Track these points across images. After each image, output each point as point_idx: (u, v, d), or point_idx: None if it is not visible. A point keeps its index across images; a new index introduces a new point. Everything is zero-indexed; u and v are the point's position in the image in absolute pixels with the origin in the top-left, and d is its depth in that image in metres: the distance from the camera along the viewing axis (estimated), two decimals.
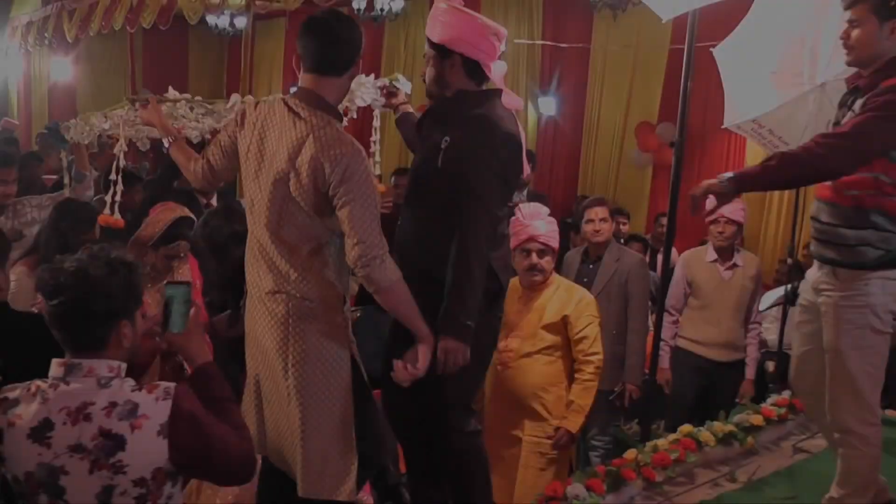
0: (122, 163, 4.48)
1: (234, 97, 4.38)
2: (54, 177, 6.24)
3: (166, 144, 3.66)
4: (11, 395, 2.33)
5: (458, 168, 3.19)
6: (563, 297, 4.48)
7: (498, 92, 3.40)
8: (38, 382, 2.32)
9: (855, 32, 3.26)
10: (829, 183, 3.36)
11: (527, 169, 3.48)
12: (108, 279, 2.32)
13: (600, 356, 4.44)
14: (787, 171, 3.25)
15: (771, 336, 6.59)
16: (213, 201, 5.08)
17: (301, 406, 3.03)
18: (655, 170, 9.89)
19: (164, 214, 4.14)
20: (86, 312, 2.31)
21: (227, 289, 3.59)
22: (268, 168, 3.01)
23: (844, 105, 3.37)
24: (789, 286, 4.45)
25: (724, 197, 3.28)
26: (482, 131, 3.17)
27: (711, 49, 4.91)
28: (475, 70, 3.32)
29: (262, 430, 3.24)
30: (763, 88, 4.64)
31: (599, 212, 5.24)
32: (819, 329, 3.49)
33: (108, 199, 4.52)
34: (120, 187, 4.47)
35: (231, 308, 3.58)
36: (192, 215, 4.22)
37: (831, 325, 3.40)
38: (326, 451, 3.06)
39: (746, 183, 3.32)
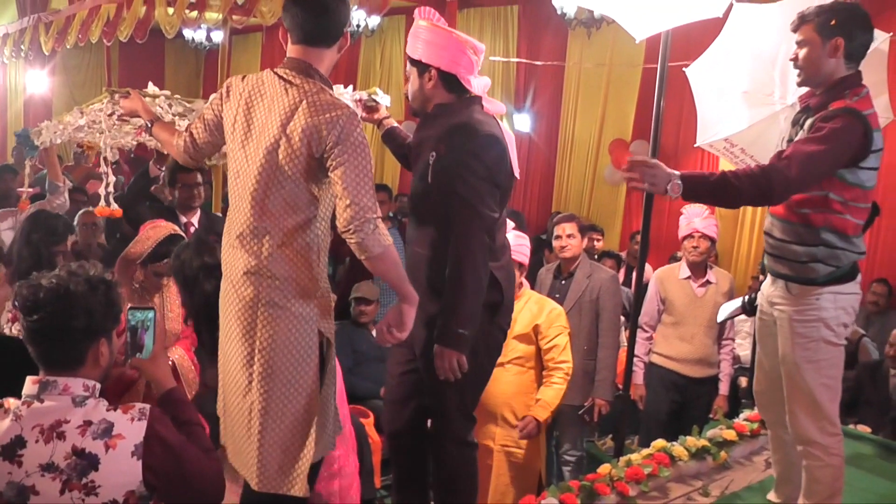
0: (107, 154, 4.46)
1: (213, 95, 4.38)
2: (31, 190, 6.18)
3: (148, 125, 3.62)
4: None
5: (445, 179, 3.27)
6: (534, 310, 4.57)
7: (476, 98, 3.46)
8: (10, 399, 2.30)
9: (802, 52, 3.39)
10: None
11: (515, 167, 3.50)
12: (88, 296, 2.32)
13: (570, 364, 4.52)
14: (726, 195, 3.28)
15: (744, 352, 6.65)
16: (194, 220, 5.03)
17: (263, 395, 2.92)
18: (629, 187, 9.93)
19: (153, 232, 4.11)
20: (65, 329, 2.30)
21: (199, 322, 3.55)
22: (257, 137, 2.94)
23: (797, 123, 3.47)
24: (746, 297, 4.50)
25: (657, 189, 3.27)
26: (462, 138, 3.22)
27: (684, 69, 4.96)
28: (453, 83, 3.41)
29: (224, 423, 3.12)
30: (735, 108, 4.70)
31: (567, 227, 5.29)
32: (776, 342, 3.56)
33: (101, 190, 4.52)
34: (111, 178, 4.46)
35: (205, 343, 3.48)
36: (182, 233, 4.20)
37: (786, 339, 3.48)
38: (287, 443, 2.96)
39: (691, 192, 3.30)
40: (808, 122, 3.37)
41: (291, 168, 2.87)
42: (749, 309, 4.39)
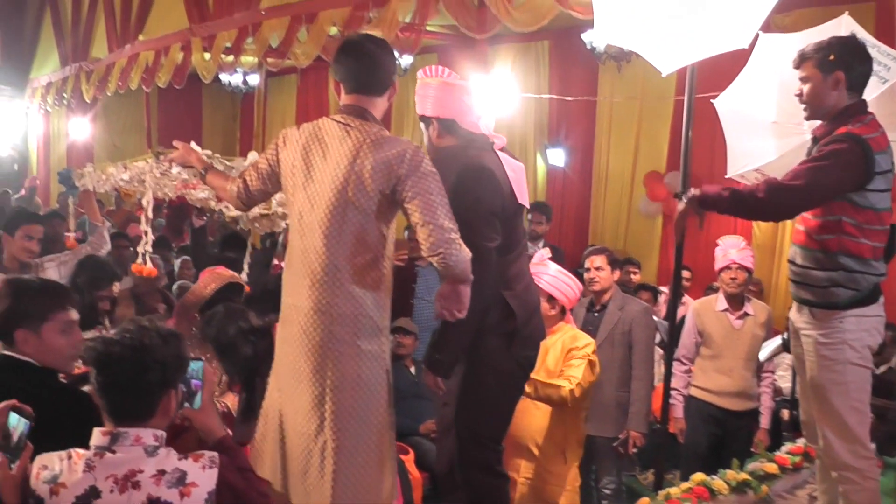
0: (150, 215, 4.53)
1: (252, 154, 4.45)
2: (75, 234, 6.30)
3: (202, 174, 3.73)
4: (50, 464, 2.35)
5: None
6: (567, 343, 4.58)
7: (476, 137, 3.58)
8: (78, 451, 2.36)
9: (806, 88, 3.55)
10: (801, 228, 3.60)
11: (522, 197, 3.60)
12: (161, 349, 2.40)
13: (578, 380, 4.42)
14: (737, 208, 3.58)
15: (785, 384, 6.57)
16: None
17: (336, 434, 3.02)
18: (665, 219, 9.90)
19: (212, 278, 4.13)
20: (140, 382, 2.37)
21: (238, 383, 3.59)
22: (319, 178, 3.06)
23: (809, 154, 3.61)
24: (785, 334, 4.47)
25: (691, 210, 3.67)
26: (448, 172, 3.29)
27: (712, 100, 4.96)
28: (454, 129, 3.56)
29: (284, 468, 3.18)
30: (764, 138, 4.69)
31: (595, 260, 5.33)
32: None
33: (140, 249, 4.57)
34: (151, 237, 4.52)
35: (244, 407, 3.55)
36: (241, 281, 4.21)
37: (813, 363, 3.55)
38: (361, 481, 3.06)
39: (708, 206, 3.61)
40: (814, 150, 3.53)
41: (362, 204, 2.99)
42: (789, 345, 4.37)
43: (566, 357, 4.53)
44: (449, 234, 2.94)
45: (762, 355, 4.92)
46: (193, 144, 4.46)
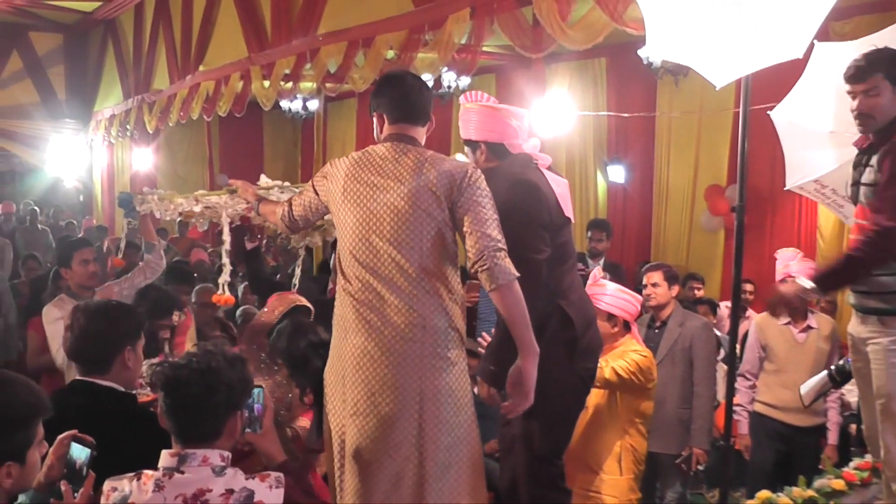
0: (228, 248, 4.63)
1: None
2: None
3: (256, 205, 3.94)
4: (120, 485, 2.42)
5: None
6: (626, 350, 4.53)
7: (519, 156, 3.62)
8: (147, 472, 2.42)
9: (872, 101, 3.47)
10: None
11: (568, 210, 3.61)
12: (228, 372, 2.48)
13: (620, 367, 4.34)
14: (859, 270, 3.47)
15: (854, 398, 6.42)
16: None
17: (433, 446, 3.05)
18: (727, 233, 9.78)
19: (279, 302, 4.18)
20: (208, 404, 2.44)
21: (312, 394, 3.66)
22: (382, 192, 3.09)
23: (860, 165, 3.53)
24: (833, 367, 4.41)
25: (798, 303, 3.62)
26: (495, 191, 3.31)
27: (768, 112, 4.92)
28: (502, 152, 3.61)
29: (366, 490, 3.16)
30: (822, 148, 4.63)
31: (652, 276, 5.33)
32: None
33: (220, 280, 4.68)
34: (228, 268, 4.63)
35: (318, 419, 3.61)
36: (308, 303, 4.27)
37: (881, 370, 3.49)
38: (455, 489, 3.10)
39: (830, 287, 3.63)
40: (875, 157, 3.46)
41: (434, 213, 3.06)
42: (838, 378, 4.33)
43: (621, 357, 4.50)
44: (496, 244, 3.00)
45: (806, 400, 4.63)
46: (263, 177, 4.59)
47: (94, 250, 5.53)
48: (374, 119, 3.34)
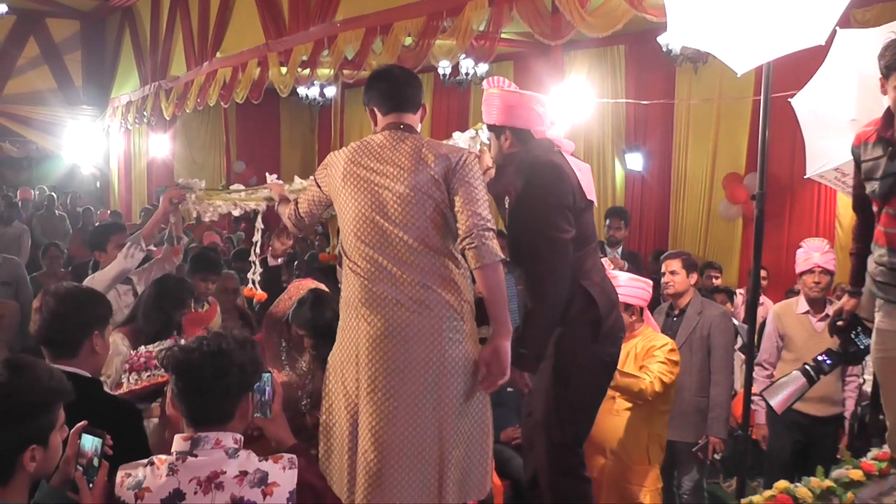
0: (258, 251, 4.64)
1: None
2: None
3: (277, 204, 4.07)
4: (133, 472, 2.44)
5: (520, 217, 3.52)
6: (646, 345, 4.57)
7: (539, 140, 3.65)
8: (161, 457, 2.44)
9: None
10: (883, 230, 3.56)
11: (591, 193, 3.64)
12: (239, 353, 2.48)
13: (656, 374, 4.38)
14: None
15: (869, 388, 6.39)
16: None
17: (446, 415, 3.11)
18: (745, 221, 9.75)
19: (296, 290, 4.18)
20: (220, 386, 2.45)
21: (320, 341, 3.69)
22: (382, 179, 3.17)
23: (879, 156, 3.42)
24: (808, 366, 4.38)
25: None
26: (519, 174, 3.44)
27: (789, 99, 4.88)
28: (527, 138, 3.65)
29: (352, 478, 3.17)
30: (843, 136, 4.57)
31: (671, 264, 5.32)
32: None
33: (250, 276, 4.70)
34: (259, 268, 4.64)
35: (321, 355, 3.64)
36: (328, 290, 4.28)
37: None
38: (471, 456, 3.19)
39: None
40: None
41: (437, 193, 3.14)
42: (817, 378, 4.30)
43: (646, 354, 4.51)
44: (485, 223, 3.07)
45: (778, 401, 4.51)
46: (297, 179, 4.62)
47: (127, 235, 5.52)
48: (368, 114, 3.42)
